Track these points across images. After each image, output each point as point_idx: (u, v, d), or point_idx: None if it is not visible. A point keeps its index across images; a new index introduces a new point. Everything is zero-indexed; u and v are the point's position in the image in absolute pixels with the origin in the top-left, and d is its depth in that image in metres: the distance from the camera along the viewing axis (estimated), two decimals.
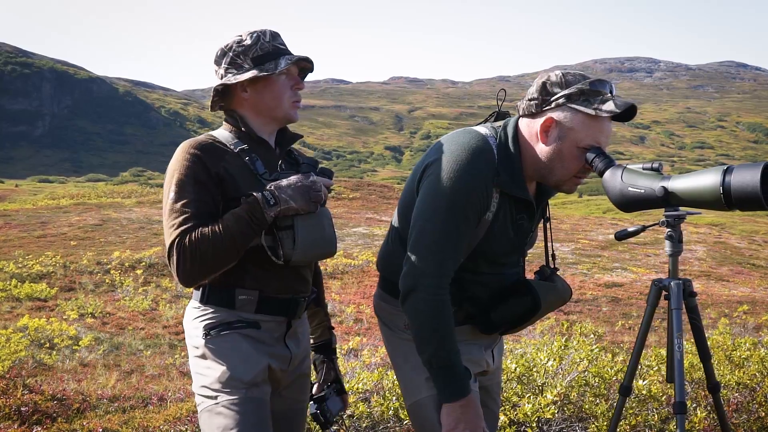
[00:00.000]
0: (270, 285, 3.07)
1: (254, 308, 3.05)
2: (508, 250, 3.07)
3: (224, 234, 2.83)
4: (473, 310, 3.08)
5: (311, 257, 3.10)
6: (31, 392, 6.83)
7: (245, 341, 3.01)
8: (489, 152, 2.90)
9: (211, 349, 3.00)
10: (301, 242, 2.97)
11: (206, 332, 3.02)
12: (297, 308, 3.16)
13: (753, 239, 35.95)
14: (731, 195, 2.80)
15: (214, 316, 3.03)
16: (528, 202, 3.02)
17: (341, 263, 21.06)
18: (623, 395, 3.61)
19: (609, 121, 2.91)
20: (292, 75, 3.15)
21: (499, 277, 3.09)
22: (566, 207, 58.65)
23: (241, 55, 3.10)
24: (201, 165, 2.94)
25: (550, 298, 3.11)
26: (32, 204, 39.83)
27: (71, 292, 17.58)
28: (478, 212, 2.88)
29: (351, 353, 10.05)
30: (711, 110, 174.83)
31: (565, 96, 2.86)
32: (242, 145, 3.08)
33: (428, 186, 2.89)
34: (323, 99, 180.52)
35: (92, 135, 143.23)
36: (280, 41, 3.15)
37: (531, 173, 2.99)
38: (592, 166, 2.91)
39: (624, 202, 3.02)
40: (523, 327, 3.14)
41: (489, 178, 2.87)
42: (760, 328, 14.71)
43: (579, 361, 5.97)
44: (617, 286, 20.38)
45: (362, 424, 5.26)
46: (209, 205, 2.93)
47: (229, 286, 3.03)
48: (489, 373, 3.26)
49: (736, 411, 5.83)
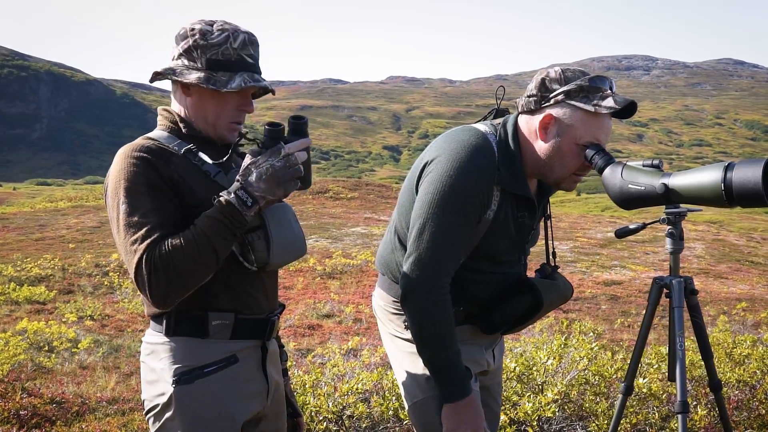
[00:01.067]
0: (246, 303, 2.75)
1: (230, 334, 2.71)
2: (510, 249, 3.05)
3: (200, 242, 2.47)
4: (474, 310, 3.06)
5: (287, 259, 2.79)
6: (30, 396, 6.82)
7: (222, 392, 2.68)
8: (489, 149, 2.88)
9: (181, 401, 2.63)
10: (276, 242, 2.68)
11: (176, 378, 2.64)
12: (273, 328, 2.88)
13: (751, 236, 35.96)
14: (733, 191, 2.78)
15: (186, 354, 2.66)
16: (529, 200, 3.01)
17: (340, 263, 21.04)
18: (625, 394, 3.60)
19: (609, 118, 2.90)
20: (244, 95, 2.76)
21: (501, 276, 3.07)
22: (565, 205, 58.67)
23: (199, 49, 2.68)
24: (152, 169, 2.57)
25: (551, 296, 3.10)
26: (30, 207, 39.80)
27: (70, 294, 17.55)
28: (478, 210, 2.86)
29: (350, 353, 10.03)
30: (709, 108, 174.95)
31: (564, 93, 2.85)
32: (186, 145, 2.71)
33: (428, 184, 2.86)
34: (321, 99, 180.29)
35: (90, 137, 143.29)
36: (249, 51, 2.72)
37: (531, 170, 2.98)
38: (592, 164, 2.89)
39: (624, 199, 3.01)
40: (525, 326, 3.13)
41: (490, 176, 2.86)
42: (759, 325, 14.71)
43: (579, 360, 5.96)
44: (616, 284, 20.35)
45: (362, 425, 5.24)
46: (171, 214, 2.56)
47: (200, 309, 2.67)
48: (490, 373, 3.25)
49: (737, 408, 5.83)
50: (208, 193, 2.60)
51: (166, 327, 2.67)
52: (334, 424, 5.25)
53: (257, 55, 2.76)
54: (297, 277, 19.40)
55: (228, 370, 2.70)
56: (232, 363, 2.71)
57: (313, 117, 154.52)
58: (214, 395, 2.67)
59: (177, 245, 2.45)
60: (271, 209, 2.68)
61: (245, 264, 2.67)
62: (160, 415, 2.67)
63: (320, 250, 23.41)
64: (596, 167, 2.90)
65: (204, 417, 2.64)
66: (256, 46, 2.76)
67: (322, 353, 9.91)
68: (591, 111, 2.82)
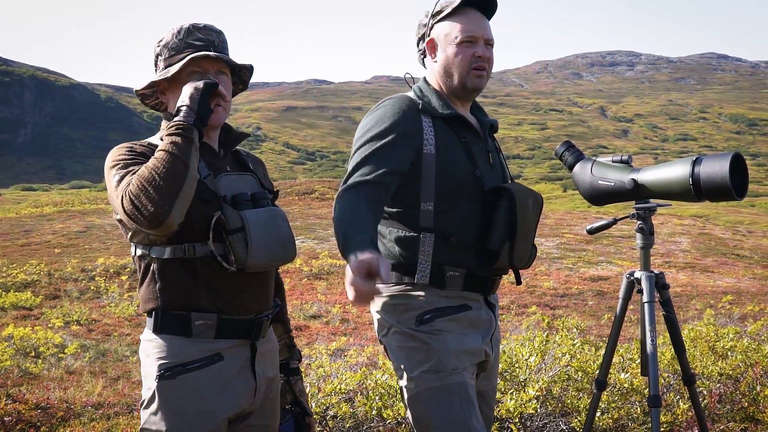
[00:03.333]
0: (229, 306, 2.80)
1: (213, 334, 2.77)
2: (472, 175, 3.11)
3: (162, 154, 2.57)
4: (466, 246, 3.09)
5: (268, 262, 2.83)
6: (14, 402, 6.80)
7: (200, 388, 2.75)
8: (406, 96, 3.18)
9: (164, 396, 2.72)
10: (255, 243, 2.72)
11: (160, 373, 2.73)
12: (261, 328, 2.92)
13: (737, 230, 36.08)
14: (701, 186, 2.81)
15: (170, 352, 2.75)
16: (463, 120, 3.18)
17: (327, 263, 21.04)
18: (598, 389, 3.63)
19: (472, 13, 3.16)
20: (202, 74, 2.83)
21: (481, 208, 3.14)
22: (551, 202, 58.71)
23: (159, 56, 2.90)
24: (141, 157, 2.72)
25: (522, 193, 3.14)
26: (15, 213, 39.64)
27: (56, 300, 17.51)
28: (411, 143, 3.03)
29: (337, 353, 10.04)
30: (693, 102, 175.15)
31: (431, 17, 3.20)
32: None
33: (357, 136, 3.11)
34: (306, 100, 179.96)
35: (75, 142, 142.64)
36: (196, 36, 2.85)
37: (447, 91, 3.20)
38: (562, 160, 2.92)
39: (594, 195, 3.04)
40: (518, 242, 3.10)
41: (413, 110, 3.10)
42: (745, 318, 14.77)
43: (561, 356, 5.98)
44: (603, 280, 20.42)
45: (346, 425, 5.25)
46: None
47: (183, 309, 2.75)
48: (487, 370, 3.26)
49: (720, 401, 5.85)
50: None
51: (154, 325, 2.78)
52: (317, 424, 5.26)
53: (210, 38, 2.87)
54: (284, 278, 19.35)
55: (211, 368, 2.77)
56: (216, 361, 2.78)
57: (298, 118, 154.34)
58: (195, 391, 2.73)
59: (143, 168, 2.57)
60: (256, 212, 2.77)
61: (224, 264, 2.71)
62: (146, 409, 2.76)
63: (307, 251, 23.41)
64: (566, 164, 2.94)
65: (184, 412, 2.72)
66: (208, 30, 2.89)
67: (309, 354, 9.91)
68: (449, 12, 3.15)
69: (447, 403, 2.98)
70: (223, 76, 2.88)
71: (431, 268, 3.08)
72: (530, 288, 18.80)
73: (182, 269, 2.75)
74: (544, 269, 21.96)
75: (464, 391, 3.01)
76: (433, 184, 3.04)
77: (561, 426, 5.32)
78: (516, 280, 3.34)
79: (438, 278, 3.08)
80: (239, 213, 2.74)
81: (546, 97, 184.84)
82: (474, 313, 3.14)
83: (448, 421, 2.96)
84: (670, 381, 5.97)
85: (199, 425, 2.73)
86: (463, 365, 3.05)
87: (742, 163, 2.87)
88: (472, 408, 2.99)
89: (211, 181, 2.79)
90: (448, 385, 3.00)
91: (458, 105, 3.23)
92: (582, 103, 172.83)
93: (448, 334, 3.06)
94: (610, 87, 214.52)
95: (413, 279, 3.09)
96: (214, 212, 2.72)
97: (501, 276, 3.26)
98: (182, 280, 2.75)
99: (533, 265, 22.02)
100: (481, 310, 3.18)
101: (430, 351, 3.03)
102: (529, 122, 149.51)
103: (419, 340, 3.06)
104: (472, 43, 3.12)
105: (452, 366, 3.02)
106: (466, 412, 2.98)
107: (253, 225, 2.74)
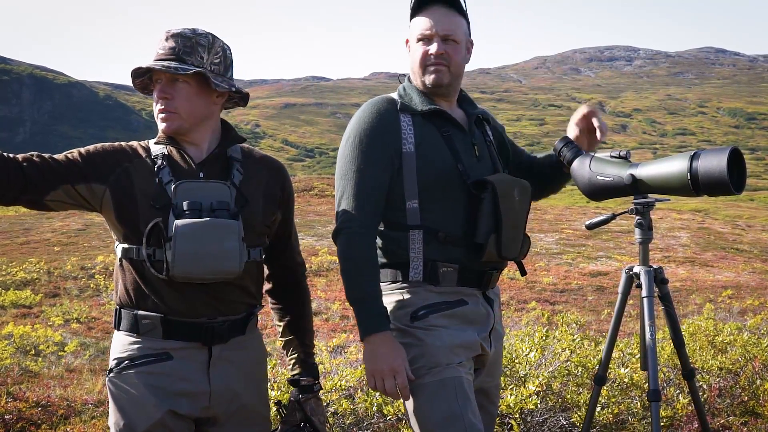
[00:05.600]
0: (174, 306, 2.80)
1: (160, 333, 2.81)
2: (454, 169, 3.11)
3: None
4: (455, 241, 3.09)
5: (196, 274, 2.75)
6: (15, 400, 6.79)
7: (145, 383, 2.80)
8: (385, 98, 3.19)
9: (111, 390, 2.84)
10: (179, 254, 2.71)
11: (110, 368, 2.86)
12: (213, 333, 2.87)
13: (736, 224, 36.12)
14: (699, 180, 2.82)
15: (122, 347, 2.84)
16: (442, 113, 3.18)
17: (326, 260, 21.04)
18: (598, 384, 3.63)
19: (434, 8, 3.16)
20: (155, 86, 2.90)
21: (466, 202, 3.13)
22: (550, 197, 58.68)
23: None
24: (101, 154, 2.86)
25: (504, 182, 3.13)
26: (15, 211, 39.56)
27: (56, 298, 17.52)
28: (389, 148, 3.07)
29: (337, 350, 10.04)
30: (692, 97, 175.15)
31: (410, 16, 3.24)
32: (162, 150, 2.91)
33: (340, 147, 3.15)
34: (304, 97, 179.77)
35: (74, 140, 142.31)
36: (162, 45, 2.87)
37: (424, 89, 3.21)
38: (561, 156, 2.92)
39: (593, 190, 3.04)
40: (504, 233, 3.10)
41: (390, 111, 3.13)
42: (745, 312, 14.79)
43: (561, 352, 5.99)
44: (602, 275, 20.44)
45: (346, 421, 5.26)
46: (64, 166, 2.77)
47: (132, 307, 2.83)
48: (488, 360, 3.25)
49: (719, 396, 5.86)
50: (145, 191, 2.80)
51: (114, 321, 2.92)
52: None
53: (177, 46, 2.85)
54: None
55: (157, 365, 2.81)
56: (163, 359, 2.82)
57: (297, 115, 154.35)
58: (137, 386, 2.81)
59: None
60: (189, 223, 2.74)
61: (152, 270, 2.77)
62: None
63: (306, 248, 23.39)
64: (565, 160, 2.94)
65: (124, 405, 2.82)
66: (178, 37, 2.86)
67: None
68: (413, 10, 3.20)
69: (442, 398, 2.99)
70: (179, 84, 2.85)
71: (424, 265, 3.08)
72: (530, 283, 18.81)
73: (132, 269, 2.83)
74: (543, 265, 21.98)
75: (459, 386, 3.01)
76: (416, 181, 3.06)
77: (561, 421, 5.33)
78: (520, 271, 3.37)
79: (432, 275, 3.08)
80: (175, 222, 2.73)
81: (544, 92, 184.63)
82: (470, 308, 3.14)
83: (444, 415, 2.97)
84: (670, 375, 5.98)
85: (138, 418, 2.80)
86: (459, 359, 3.05)
87: (740, 157, 2.87)
88: (467, 402, 2.99)
89: (170, 187, 2.81)
90: (443, 380, 3.00)
91: (441, 100, 3.23)
92: (580, 99, 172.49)
93: (442, 329, 3.06)
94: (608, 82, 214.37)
95: (408, 277, 3.10)
96: (157, 218, 2.76)
97: (499, 270, 3.25)
98: (132, 279, 2.82)
99: (533, 261, 22.02)
100: (478, 305, 3.18)
101: (425, 347, 3.04)
102: (527, 118, 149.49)
103: (413, 336, 3.06)
104: (428, 40, 3.13)
105: (447, 361, 3.02)
106: (461, 406, 2.97)
107: (180, 235, 2.71)
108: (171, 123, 2.85)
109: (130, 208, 2.79)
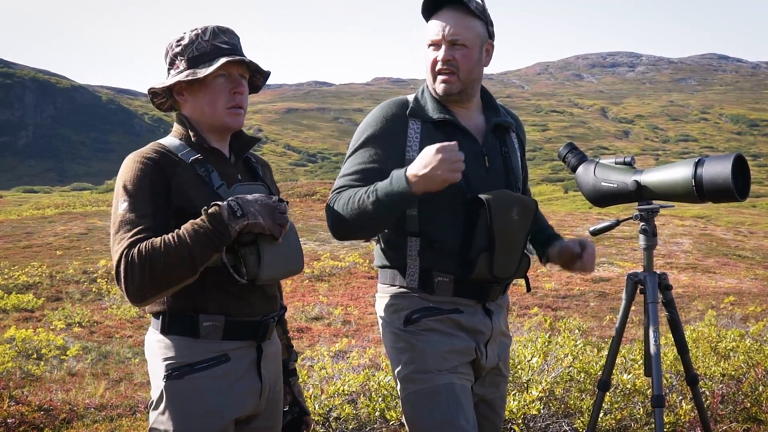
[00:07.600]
0: (237, 308, 2.81)
1: (221, 335, 2.78)
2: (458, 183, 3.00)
3: (179, 245, 2.55)
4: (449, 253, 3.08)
5: (279, 275, 2.84)
6: (17, 403, 6.80)
7: (210, 389, 2.75)
8: (398, 100, 3.19)
9: (171, 395, 2.73)
10: (267, 258, 2.71)
11: (168, 373, 2.74)
12: (267, 330, 2.93)
13: (738, 230, 36.07)
14: (703, 187, 2.82)
15: (178, 352, 2.75)
16: (455, 125, 3.15)
17: (328, 265, 21.03)
18: (602, 390, 3.63)
19: (442, 12, 3.11)
20: (232, 77, 2.87)
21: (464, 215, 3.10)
22: (552, 203, 58.73)
23: (178, 56, 2.87)
24: (155, 175, 2.69)
25: (502, 198, 3.06)
26: (17, 215, 39.61)
27: (58, 301, 17.50)
28: (389, 139, 3.09)
29: (339, 355, 10.05)
30: (694, 103, 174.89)
31: None
32: (195, 155, 2.81)
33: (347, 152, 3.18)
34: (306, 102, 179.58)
35: (76, 144, 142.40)
36: (222, 39, 2.86)
37: (436, 95, 3.18)
38: (565, 162, 2.93)
39: (597, 197, 3.05)
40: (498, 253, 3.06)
41: (399, 116, 3.12)
42: (747, 319, 14.76)
43: (563, 357, 5.98)
44: (604, 281, 20.42)
45: (348, 426, 5.26)
46: (163, 219, 2.67)
47: (191, 311, 2.76)
48: (484, 369, 3.22)
49: (722, 402, 5.86)
50: (199, 194, 2.73)
51: (161, 326, 2.78)
52: (320, 425, 5.27)
53: (234, 41, 2.89)
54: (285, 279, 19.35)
55: (218, 368, 2.78)
56: (222, 362, 2.79)
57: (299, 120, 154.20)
58: (202, 391, 2.74)
59: (156, 246, 2.55)
60: None
61: (236, 277, 2.71)
62: (155, 410, 2.77)
63: (308, 253, 23.39)
64: (569, 166, 2.94)
65: (191, 412, 2.73)
66: (231, 33, 2.90)
67: (311, 356, 9.91)
68: (424, 16, 3.16)
69: (433, 405, 2.99)
70: (244, 80, 2.91)
71: (420, 273, 3.09)
72: (532, 289, 18.76)
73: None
74: (545, 270, 21.94)
75: (451, 392, 3.01)
76: None
77: (564, 427, 5.33)
78: (526, 287, 3.37)
79: (427, 283, 3.08)
80: None
81: (547, 98, 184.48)
82: (466, 318, 3.12)
83: (436, 422, 2.98)
84: (673, 381, 5.98)
85: (206, 426, 2.74)
86: (451, 365, 3.05)
87: (745, 164, 2.88)
88: (459, 408, 2.99)
89: (225, 191, 2.78)
90: (434, 387, 3.01)
91: (456, 107, 3.19)
92: (583, 105, 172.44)
93: (434, 334, 3.06)
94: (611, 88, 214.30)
95: (404, 282, 3.11)
96: None
97: (500, 284, 3.20)
98: (190, 286, 2.70)
99: (535, 266, 22.00)
100: (476, 316, 3.16)
101: (416, 352, 3.05)
102: (530, 123, 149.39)
103: (405, 340, 3.08)
104: (437, 46, 3.11)
105: (438, 367, 3.03)
106: (453, 412, 2.97)
107: (265, 238, 2.72)
108: (241, 119, 2.90)
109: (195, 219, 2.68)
